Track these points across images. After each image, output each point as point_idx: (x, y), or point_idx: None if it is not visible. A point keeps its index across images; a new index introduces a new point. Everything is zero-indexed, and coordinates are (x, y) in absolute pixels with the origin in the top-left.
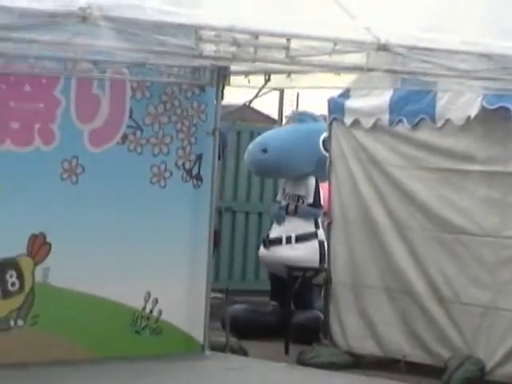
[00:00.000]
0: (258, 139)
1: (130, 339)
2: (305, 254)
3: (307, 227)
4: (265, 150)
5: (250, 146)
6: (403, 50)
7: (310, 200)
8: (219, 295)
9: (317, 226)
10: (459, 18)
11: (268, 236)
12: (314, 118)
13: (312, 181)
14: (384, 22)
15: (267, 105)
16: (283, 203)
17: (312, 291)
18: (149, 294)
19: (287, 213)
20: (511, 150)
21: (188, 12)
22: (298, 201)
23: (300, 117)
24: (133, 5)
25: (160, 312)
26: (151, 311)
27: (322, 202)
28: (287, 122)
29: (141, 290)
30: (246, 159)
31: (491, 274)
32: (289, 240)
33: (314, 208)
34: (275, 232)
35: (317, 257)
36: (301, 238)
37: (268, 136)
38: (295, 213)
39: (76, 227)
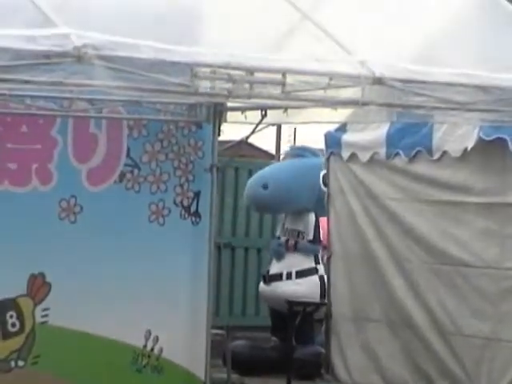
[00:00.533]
0: (258, 175)
1: (131, 378)
2: (306, 289)
3: (307, 263)
4: (265, 187)
5: (250, 182)
6: (398, 84)
7: (310, 236)
8: (220, 332)
9: (317, 261)
10: (454, 50)
11: (268, 272)
12: (313, 152)
13: (312, 217)
14: (378, 56)
15: (265, 140)
16: (282, 239)
17: (313, 326)
18: (149, 332)
19: (287, 249)
20: (509, 181)
21: (182, 49)
22: (298, 236)
23: (300, 152)
24: (127, 43)
25: (161, 350)
26: (152, 349)
27: (321, 238)
28: (285, 157)
29: (141, 328)
30: (246, 195)
31: (492, 306)
32: (289, 276)
33: (314, 244)
34: (275, 268)
35: (318, 291)
36: (301, 274)
37: (268, 172)
38: (295, 249)
39: (75, 266)
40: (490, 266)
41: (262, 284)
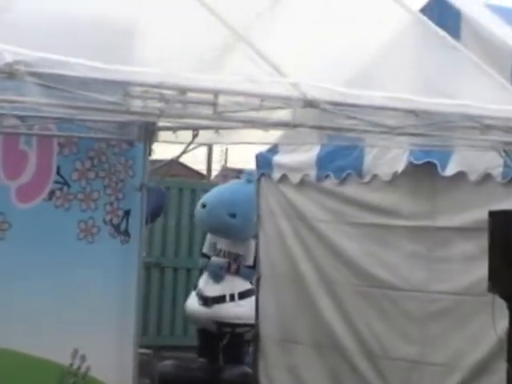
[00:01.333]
0: (218, 202)
1: None
2: (248, 309)
3: (246, 285)
4: (233, 215)
5: (212, 209)
6: (329, 107)
7: (250, 262)
8: (148, 351)
9: (252, 283)
10: (387, 74)
11: (200, 292)
12: None
13: (252, 242)
14: (312, 78)
15: (196, 160)
16: (218, 260)
17: (242, 347)
18: (76, 351)
19: (228, 271)
20: (437, 205)
21: (116, 68)
22: (237, 260)
23: (249, 177)
24: (60, 61)
25: (88, 368)
26: (79, 367)
27: None
28: (222, 178)
29: (68, 347)
30: (210, 222)
31: (419, 329)
32: (232, 297)
33: (254, 270)
34: (214, 290)
35: None
36: (243, 295)
37: (230, 199)
38: (236, 273)
39: (2, 283)
40: (418, 289)
41: (196, 305)
